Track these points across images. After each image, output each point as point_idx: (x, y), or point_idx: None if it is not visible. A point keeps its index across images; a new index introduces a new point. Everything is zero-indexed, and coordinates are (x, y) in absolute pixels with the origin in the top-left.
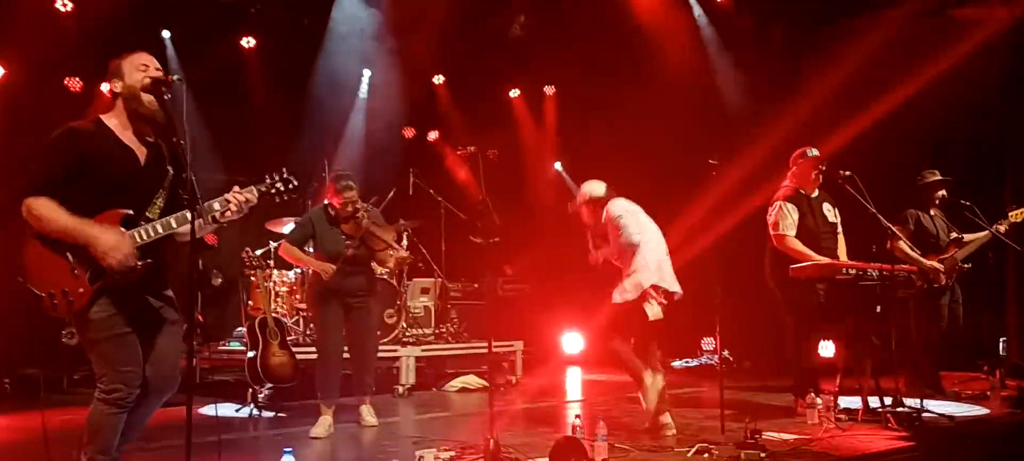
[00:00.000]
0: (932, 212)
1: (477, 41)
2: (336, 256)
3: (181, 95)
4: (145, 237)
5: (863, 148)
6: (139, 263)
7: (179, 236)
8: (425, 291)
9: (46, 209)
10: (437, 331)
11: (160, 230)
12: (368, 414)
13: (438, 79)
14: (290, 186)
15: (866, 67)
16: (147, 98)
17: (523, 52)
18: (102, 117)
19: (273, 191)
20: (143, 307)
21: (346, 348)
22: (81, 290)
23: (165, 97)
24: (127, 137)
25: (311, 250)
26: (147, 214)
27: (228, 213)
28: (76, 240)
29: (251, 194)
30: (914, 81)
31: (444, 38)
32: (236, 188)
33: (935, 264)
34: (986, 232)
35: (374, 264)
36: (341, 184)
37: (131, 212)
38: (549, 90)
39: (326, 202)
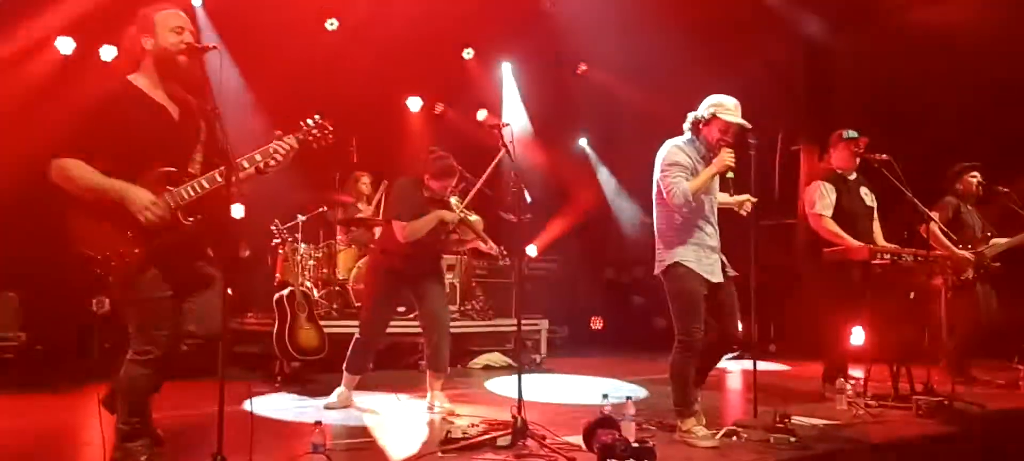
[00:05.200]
0: (969, 206)
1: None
2: (426, 237)
3: (217, 62)
4: (190, 194)
5: (894, 134)
6: (190, 219)
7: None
8: (450, 268)
9: (77, 169)
10: (462, 308)
11: (206, 185)
12: (440, 398)
13: (468, 53)
14: (326, 132)
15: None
16: (182, 61)
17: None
18: (130, 77)
19: (311, 137)
20: (189, 266)
21: (421, 321)
22: (136, 251)
23: (202, 65)
24: (158, 95)
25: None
26: (188, 170)
27: (271, 163)
28: (109, 198)
29: (292, 141)
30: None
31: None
32: (278, 132)
33: (966, 254)
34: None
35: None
36: (442, 165)
37: (174, 169)
38: (582, 67)
39: (420, 179)
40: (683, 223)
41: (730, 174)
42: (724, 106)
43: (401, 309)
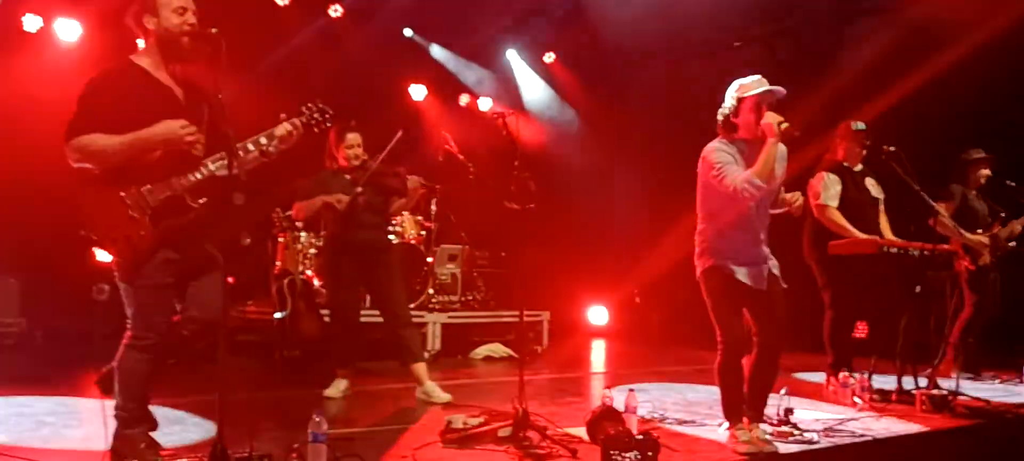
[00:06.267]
0: (975, 193)
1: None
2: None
3: (219, 48)
4: (196, 177)
5: (902, 123)
6: (198, 202)
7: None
8: (452, 258)
9: (100, 141)
10: (463, 298)
11: (212, 168)
12: (435, 389)
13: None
14: (326, 116)
15: (906, 38)
16: (186, 42)
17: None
18: (132, 58)
19: (312, 122)
20: (193, 251)
21: (380, 313)
22: (143, 233)
23: (205, 50)
24: (162, 76)
25: None
26: (192, 153)
27: (275, 146)
28: (145, 148)
29: (294, 126)
30: (957, 54)
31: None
32: (283, 115)
33: (982, 238)
34: None
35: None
36: (341, 133)
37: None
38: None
39: (330, 163)
40: (726, 227)
41: (784, 125)
42: (746, 85)
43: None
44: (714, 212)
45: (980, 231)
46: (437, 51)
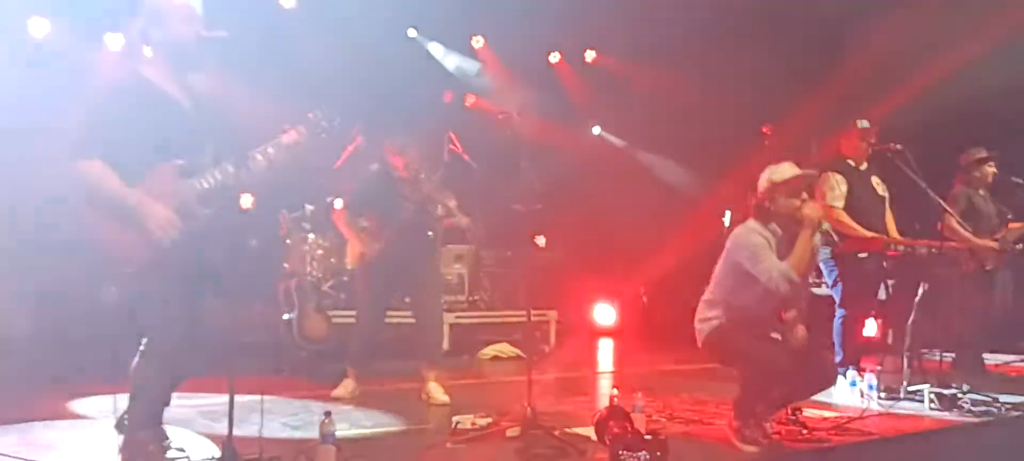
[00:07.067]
0: (982, 192)
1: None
2: (391, 219)
3: (226, 51)
4: (203, 186)
5: (907, 121)
6: (205, 210)
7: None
8: (459, 258)
9: (98, 175)
10: (470, 299)
11: (218, 176)
12: (437, 391)
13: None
14: (334, 123)
15: (912, 36)
16: (194, 50)
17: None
18: (140, 69)
19: (319, 129)
20: (203, 260)
21: (410, 315)
22: (152, 242)
23: (213, 56)
24: (169, 87)
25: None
26: (200, 162)
27: (282, 155)
28: (128, 207)
29: (299, 134)
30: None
31: None
32: (285, 127)
33: (990, 243)
34: None
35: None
36: (401, 144)
37: (183, 162)
38: (590, 55)
39: (384, 164)
40: (740, 305)
41: (825, 226)
42: (778, 171)
43: (407, 300)
44: (730, 289)
45: (993, 236)
46: (439, 49)
